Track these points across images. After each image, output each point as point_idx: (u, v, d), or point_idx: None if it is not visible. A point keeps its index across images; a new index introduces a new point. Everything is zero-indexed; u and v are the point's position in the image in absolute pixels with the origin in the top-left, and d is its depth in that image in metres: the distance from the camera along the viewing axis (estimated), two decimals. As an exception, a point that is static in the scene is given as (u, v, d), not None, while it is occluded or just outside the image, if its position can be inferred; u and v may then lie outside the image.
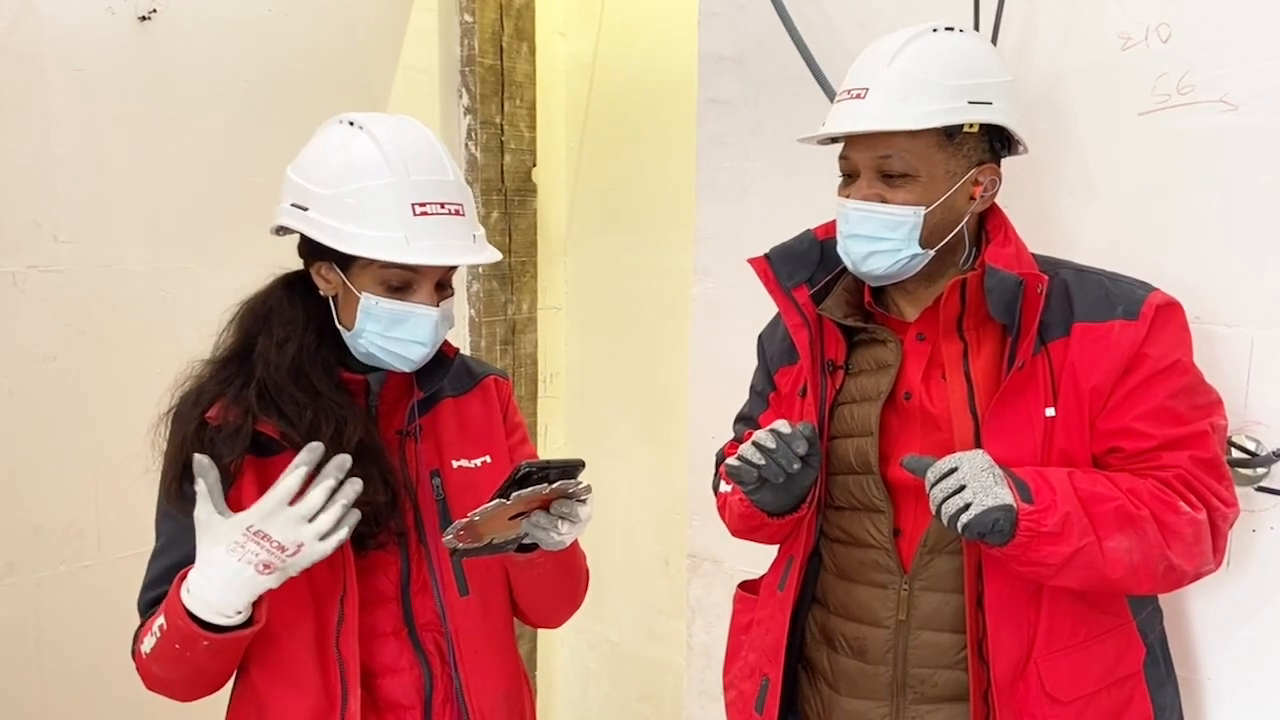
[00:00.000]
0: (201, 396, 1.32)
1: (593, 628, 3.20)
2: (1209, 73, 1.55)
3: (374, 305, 1.29)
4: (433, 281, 1.32)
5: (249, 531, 1.18)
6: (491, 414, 1.49)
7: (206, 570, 1.19)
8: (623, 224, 3.03)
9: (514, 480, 1.22)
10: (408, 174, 1.27)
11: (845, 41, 1.85)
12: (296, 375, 1.30)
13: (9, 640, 2.06)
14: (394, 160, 1.27)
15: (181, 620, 1.20)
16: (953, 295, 1.37)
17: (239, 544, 1.18)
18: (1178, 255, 1.59)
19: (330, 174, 1.28)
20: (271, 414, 1.28)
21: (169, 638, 1.22)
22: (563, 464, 1.25)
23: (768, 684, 1.49)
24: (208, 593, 1.19)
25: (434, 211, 1.28)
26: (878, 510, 1.42)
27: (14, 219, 2.01)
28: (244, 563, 1.18)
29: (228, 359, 1.34)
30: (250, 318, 1.36)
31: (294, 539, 1.19)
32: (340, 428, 1.28)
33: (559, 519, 1.29)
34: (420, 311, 1.30)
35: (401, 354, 1.32)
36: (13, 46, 1.97)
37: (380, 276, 1.29)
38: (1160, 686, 1.42)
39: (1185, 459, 1.31)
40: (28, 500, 2.06)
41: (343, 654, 1.30)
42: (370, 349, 1.32)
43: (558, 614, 1.52)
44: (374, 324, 1.30)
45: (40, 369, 2.06)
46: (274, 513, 1.19)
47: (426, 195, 1.28)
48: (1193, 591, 1.55)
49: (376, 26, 2.65)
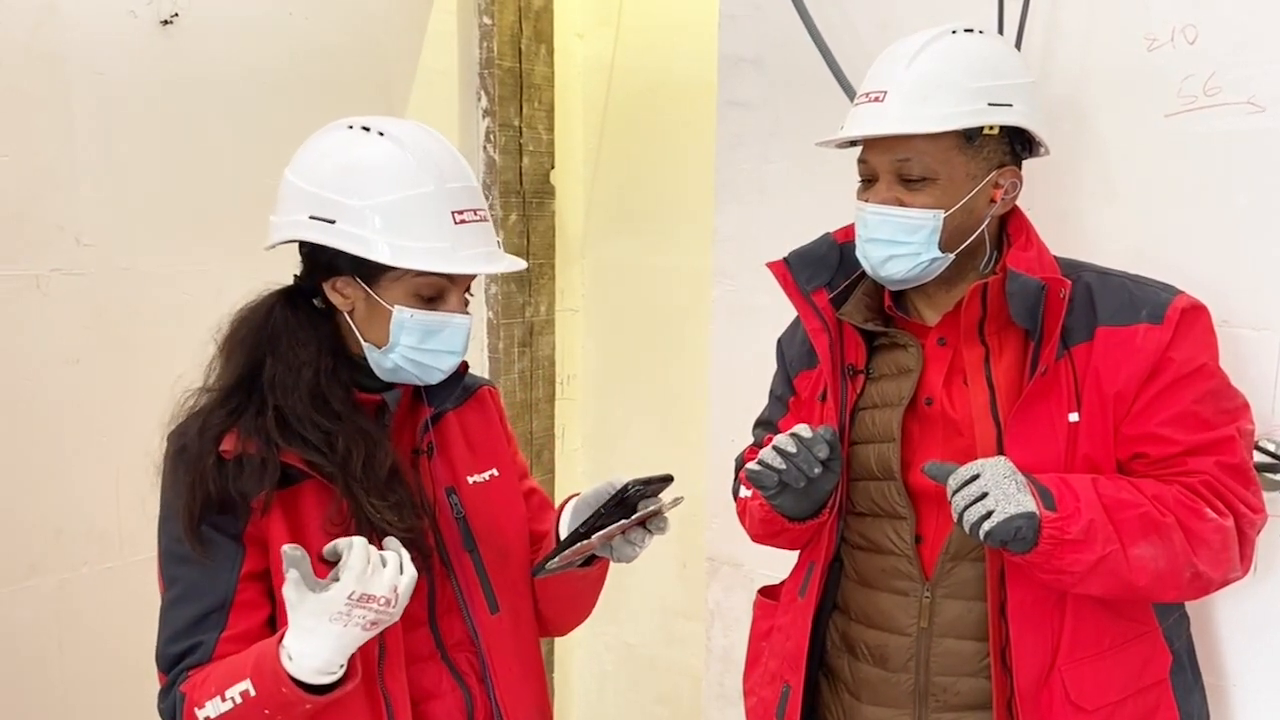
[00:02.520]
0: (207, 430, 1.24)
1: (610, 630, 3.20)
2: (1236, 74, 1.53)
3: (408, 318, 1.25)
4: (463, 290, 1.30)
5: (353, 599, 1.12)
6: (491, 425, 1.47)
7: (309, 639, 1.14)
8: (641, 226, 3.02)
9: (621, 500, 1.23)
10: (444, 181, 1.24)
11: (866, 43, 1.84)
12: (315, 400, 1.25)
13: (31, 641, 2.07)
14: (428, 166, 1.24)
15: (286, 687, 1.14)
16: (974, 300, 1.36)
17: (344, 612, 1.12)
18: (1204, 258, 1.57)
19: (359, 184, 1.22)
20: (294, 443, 1.23)
21: (257, 705, 1.16)
22: (659, 479, 1.26)
23: (789, 691, 1.49)
24: (313, 660, 1.14)
25: (470, 219, 1.26)
26: (899, 517, 1.41)
27: (37, 222, 2.02)
28: (351, 626, 1.13)
29: (233, 386, 1.27)
30: (253, 340, 1.28)
31: (391, 587, 1.15)
32: (371, 453, 1.25)
33: (647, 533, 1.29)
34: (455, 320, 1.28)
35: (434, 365, 1.29)
36: (36, 50, 1.99)
37: (414, 287, 1.25)
38: (1187, 694, 1.41)
39: (1211, 464, 1.30)
40: (49, 502, 2.07)
41: (388, 687, 1.27)
42: (401, 363, 1.28)
43: (575, 621, 1.52)
44: (408, 337, 1.26)
45: (62, 371, 2.07)
46: (365, 573, 1.13)
47: (463, 203, 1.26)
48: (1220, 598, 1.53)
49: (396, 30, 2.65)
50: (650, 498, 1.26)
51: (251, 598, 1.24)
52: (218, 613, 1.23)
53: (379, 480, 1.25)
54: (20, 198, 1.99)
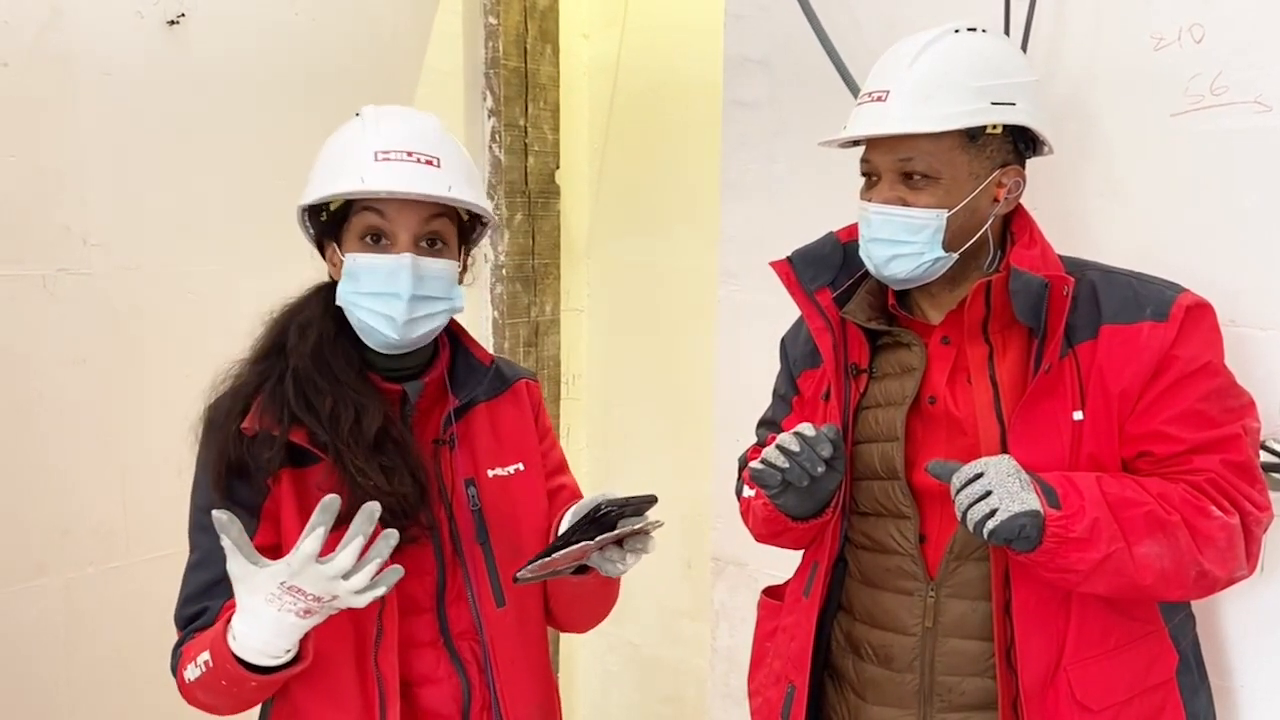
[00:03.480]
0: (238, 395, 1.32)
1: (614, 630, 3.20)
2: (1243, 73, 1.53)
3: (352, 262, 1.29)
4: (410, 234, 1.29)
5: (283, 586, 1.14)
6: (524, 419, 1.47)
7: (249, 619, 1.16)
8: (646, 226, 3.02)
9: (593, 518, 1.23)
10: (377, 130, 1.28)
11: (872, 42, 1.84)
12: (318, 361, 1.30)
13: (39, 640, 2.07)
14: (368, 123, 1.29)
15: (230, 665, 1.18)
16: (977, 298, 1.36)
17: (275, 595, 1.14)
18: (1211, 257, 1.56)
19: (321, 156, 1.32)
20: (303, 410, 1.28)
21: (215, 675, 1.20)
22: (638, 500, 1.26)
23: (794, 691, 1.48)
24: (252, 640, 1.17)
25: (398, 159, 1.26)
26: (903, 516, 1.41)
27: (44, 222, 2.03)
28: (284, 612, 1.15)
29: (263, 355, 1.35)
30: (284, 315, 1.38)
31: (328, 592, 1.14)
32: (359, 415, 1.27)
33: (629, 552, 1.28)
34: (389, 260, 1.27)
35: (382, 312, 1.28)
36: (43, 51, 1.99)
37: (357, 230, 1.29)
38: (1193, 694, 1.40)
39: (1217, 463, 1.29)
40: (57, 502, 2.08)
41: (381, 669, 1.29)
42: (357, 314, 1.30)
43: (592, 621, 1.52)
44: (350, 282, 1.29)
45: (70, 371, 2.08)
46: (303, 569, 1.13)
47: (391, 145, 1.27)
48: (1226, 597, 1.53)
49: (402, 30, 2.66)
50: (631, 517, 1.25)
51: None
52: (226, 581, 1.24)
53: (366, 441, 1.27)
54: (27, 198, 2.00)
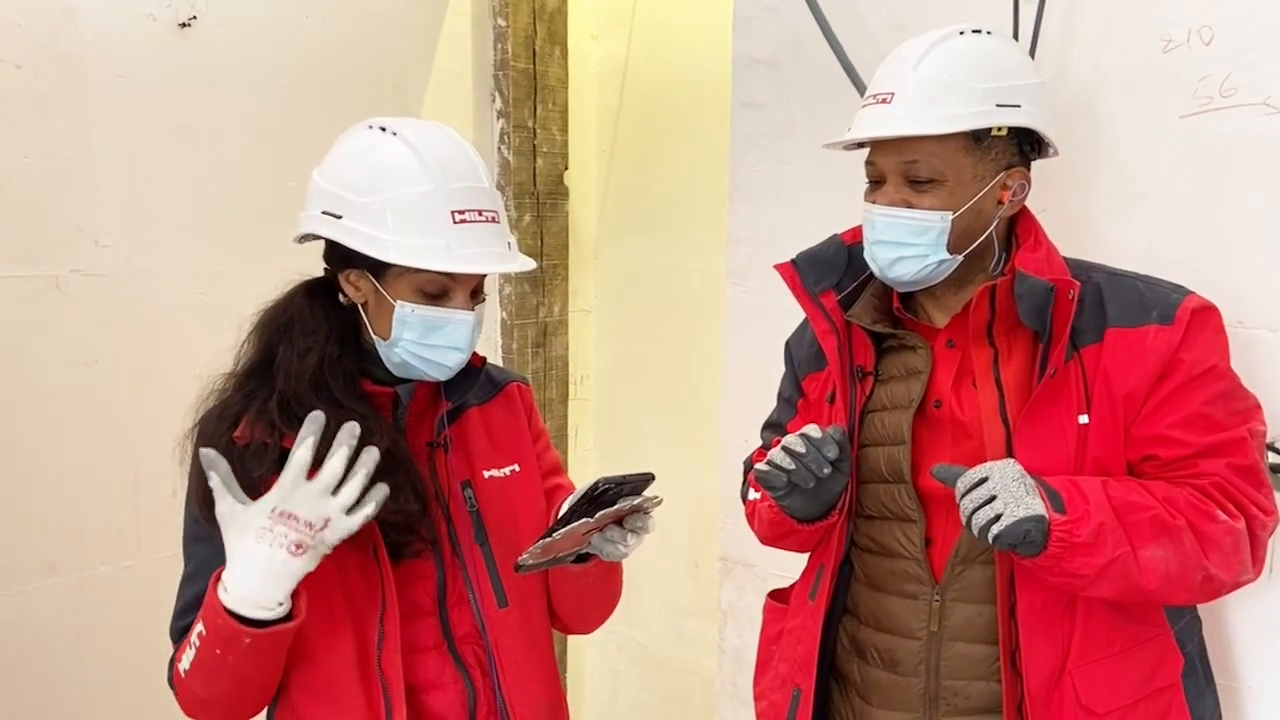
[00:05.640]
0: (226, 412, 1.30)
1: (621, 630, 3.20)
2: (1252, 75, 1.52)
3: (409, 313, 1.28)
4: (469, 289, 1.31)
5: (274, 514, 1.15)
6: (516, 421, 1.48)
7: (239, 564, 1.17)
8: (654, 227, 3.02)
9: (591, 497, 1.22)
10: (446, 181, 1.26)
11: (880, 44, 1.84)
12: (317, 386, 1.29)
13: (50, 640, 2.09)
14: (431, 166, 1.26)
15: (221, 619, 1.17)
16: (982, 301, 1.36)
17: (266, 529, 1.15)
18: (1220, 259, 1.56)
19: (366, 181, 1.26)
20: (295, 427, 1.25)
21: (209, 643, 1.19)
22: (636, 478, 1.26)
23: (799, 695, 1.48)
24: (245, 586, 1.16)
25: (473, 219, 1.27)
26: (909, 520, 1.41)
27: (56, 223, 2.04)
28: (275, 547, 1.15)
29: (250, 371, 1.33)
30: (271, 327, 1.34)
31: (320, 514, 1.16)
32: (365, 439, 1.25)
33: (629, 532, 1.29)
34: (457, 317, 1.30)
35: (438, 361, 1.31)
36: (55, 53, 2.01)
37: (417, 284, 1.28)
38: (1199, 697, 1.40)
39: (1222, 466, 1.29)
40: (68, 502, 2.09)
41: (385, 674, 1.28)
42: (406, 358, 1.31)
43: (596, 619, 1.51)
44: (410, 332, 1.29)
45: (81, 371, 2.09)
46: (294, 490, 1.16)
47: (465, 203, 1.27)
48: (1233, 600, 1.52)
49: (411, 32, 2.67)
50: (629, 496, 1.24)
51: None
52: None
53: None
54: (40, 199, 2.01)
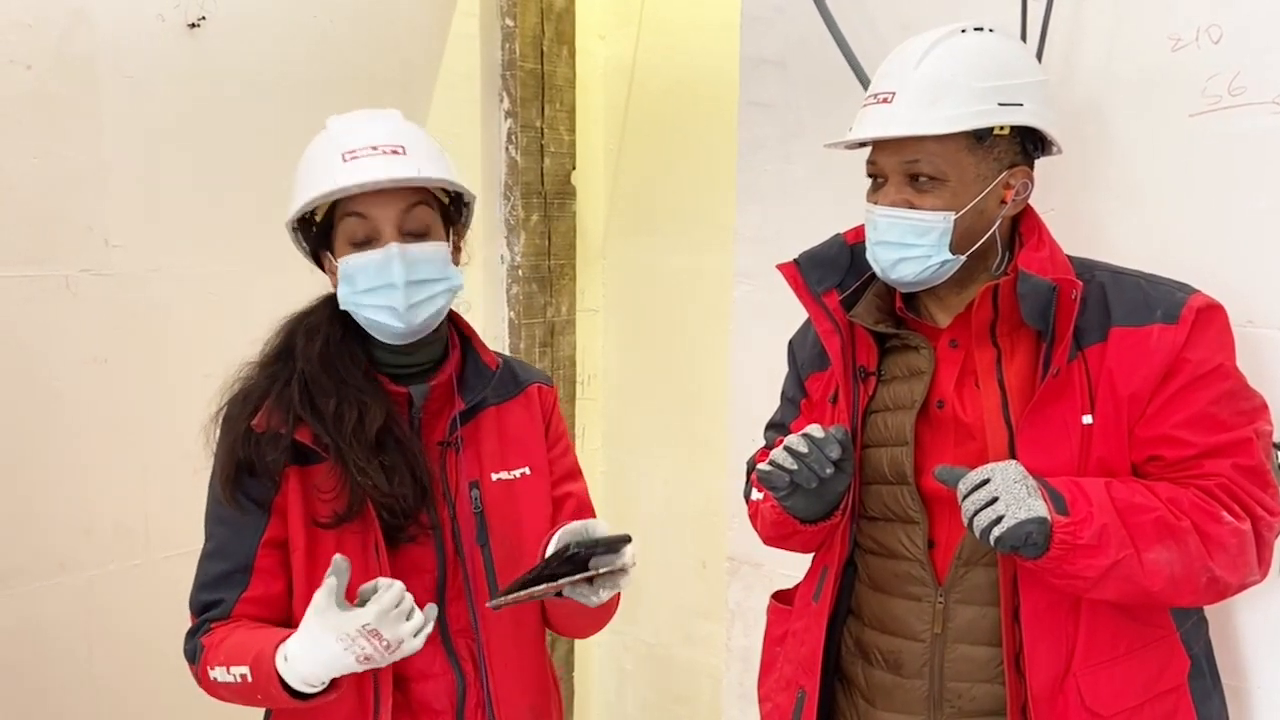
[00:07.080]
0: (250, 395, 1.36)
1: (629, 629, 3.20)
2: (1261, 74, 1.51)
3: (344, 266, 1.32)
4: (393, 226, 1.32)
5: (364, 629, 1.20)
6: (534, 423, 1.49)
7: (311, 648, 1.23)
8: (661, 227, 3.02)
9: (564, 558, 1.25)
10: (341, 133, 1.32)
11: (888, 44, 1.81)
12: (325, 363, 1.34)
13: (60, 638, 2.10)
14: (335, 134, 1.33)
15: (273, 686, 1.25)
16: (985, 301, 1.35)
17: (351, 638, 1.20)
18: (1227, 259, 1.55)
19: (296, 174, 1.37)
20: (307, 411, 1.32)
21: (251, 688, 1.27)
22: (609, 540, 1.28)
23: (804, 697, 1.48)
24: (303, 667, 1.23)
25: (364, 154, 1.30)
26: (912, 521, 1.40)
27: (66, 223, 2.05)
28: (349, 654, 1.21)
29: (272, 358, 1.40)
30: (293, 321, 1.42)
31: (398, 637, 1.22)
32: (362, 415, 1.31)
33: (600, 587, 1.30)
34: (378, 254, 1.31)
35: (383, 304, 1.32)
36: (66, 54, 2.02)
37: (344, 235, 1.32)
38: (1206, 699, 1.39)
39: (1228, 467, 1.27)
40: (78, 500, 2.10)
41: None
42: (358, 313, 1.34)
43: (588, 631, 1.54)
44: (346, 285, 1.33)
45: (91, 371, 2.10)
46: (386, 614, 1.21)
47: (356, 144, 1.31)
48: (1240, 600, 1.51)
49: (419, 32, 2.67)
50: (606, 555, 1.28)
51: (270, 565, 1.35)
52: (240, 573, 1.33)
53: (368, 441, 1.31)
54: (50, 199, 2.02)
